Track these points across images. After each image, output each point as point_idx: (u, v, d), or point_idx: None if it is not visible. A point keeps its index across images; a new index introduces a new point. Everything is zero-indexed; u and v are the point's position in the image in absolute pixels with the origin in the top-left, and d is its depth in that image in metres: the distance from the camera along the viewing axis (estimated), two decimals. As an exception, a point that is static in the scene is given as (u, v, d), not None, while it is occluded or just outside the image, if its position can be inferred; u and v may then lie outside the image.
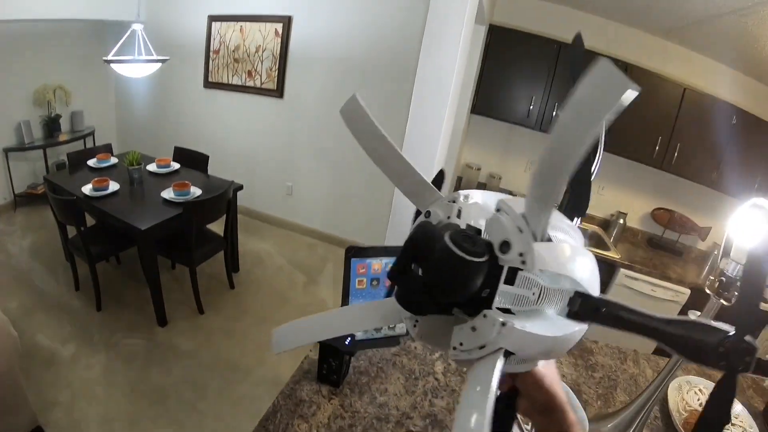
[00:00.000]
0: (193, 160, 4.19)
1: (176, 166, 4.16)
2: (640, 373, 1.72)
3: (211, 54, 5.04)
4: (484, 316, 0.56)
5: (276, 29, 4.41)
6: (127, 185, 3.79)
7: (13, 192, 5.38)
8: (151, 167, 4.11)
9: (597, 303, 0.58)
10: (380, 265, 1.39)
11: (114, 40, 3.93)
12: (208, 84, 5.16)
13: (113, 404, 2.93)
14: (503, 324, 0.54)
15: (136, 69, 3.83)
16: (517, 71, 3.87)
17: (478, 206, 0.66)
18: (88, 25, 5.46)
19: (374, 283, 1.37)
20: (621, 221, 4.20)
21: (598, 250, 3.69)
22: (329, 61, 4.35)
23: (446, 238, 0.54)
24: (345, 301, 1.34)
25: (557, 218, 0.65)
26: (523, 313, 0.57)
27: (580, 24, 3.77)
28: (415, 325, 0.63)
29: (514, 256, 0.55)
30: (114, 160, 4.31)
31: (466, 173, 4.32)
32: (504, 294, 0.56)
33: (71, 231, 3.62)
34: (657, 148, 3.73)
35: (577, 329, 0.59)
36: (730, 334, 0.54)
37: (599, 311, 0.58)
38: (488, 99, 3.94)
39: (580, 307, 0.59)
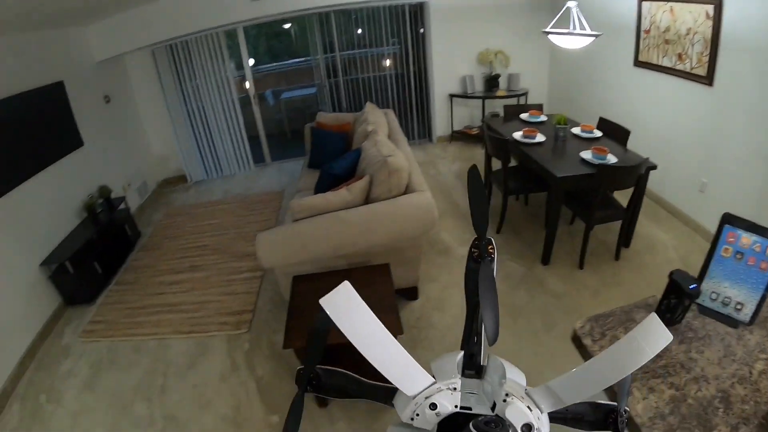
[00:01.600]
0: (614, 132, 4.32)
1: (598, 133, 4.37)
2: None
3: (642, 34, 4.98)
4: None
5: (707, 11, 4.05)
6: (551, 140, 4.25)
7: (452, 128, 6.86)
8: (575, 130, 4.44)
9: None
10: (749, 240, 1.32)
11: (550, 14, 4.33)
12: (638, 63, 5.12)
13: None
14: None
15: (570, 41, 4.12)
16: None
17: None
18: (526, 1, 6.21)
19: (738, 256, 1.32)
20: None
21: None
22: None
23: (471, 429, 0.65)
24: (706, 266, 1.35)
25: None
26: None
27: None
28: None
29: None
30: (543, 118, 4.86)
31: None
32: None
33: (495, 166, 4.39)
34: None
35: None
36: (615, 407, 0.77)
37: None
38: None
39: None
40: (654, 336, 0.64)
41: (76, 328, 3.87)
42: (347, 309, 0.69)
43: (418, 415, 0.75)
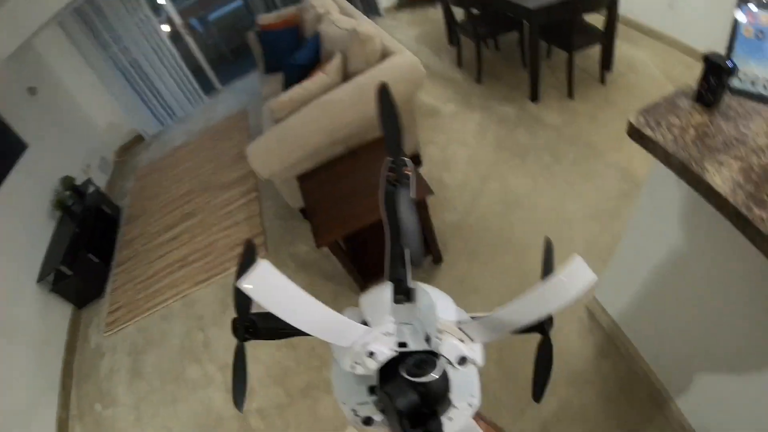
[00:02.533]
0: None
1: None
2: None
3: None
4: (455, 407, 0.75)
5: None
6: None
7: (397, -4, 6.42)
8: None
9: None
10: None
11: None
12: None
13: (480, 151, 3.52)
14: (470, 404, 0.76)
15: None
16: None
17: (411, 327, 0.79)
18: None
19: (759, 35, 1.27)
20: None
21: None
22: None
23: (406, 376, 0.69)
24: (730, 49, 1.31)
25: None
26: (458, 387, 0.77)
27: None
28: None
29: (470, 363, 0.73)
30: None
31: None
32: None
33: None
34: None
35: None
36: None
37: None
38: None
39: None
40: (579, 277, 0.66)
41: (98, 325, 3.75)
42: (269, 288, 0.66)
43: (357, 363, 0.76)
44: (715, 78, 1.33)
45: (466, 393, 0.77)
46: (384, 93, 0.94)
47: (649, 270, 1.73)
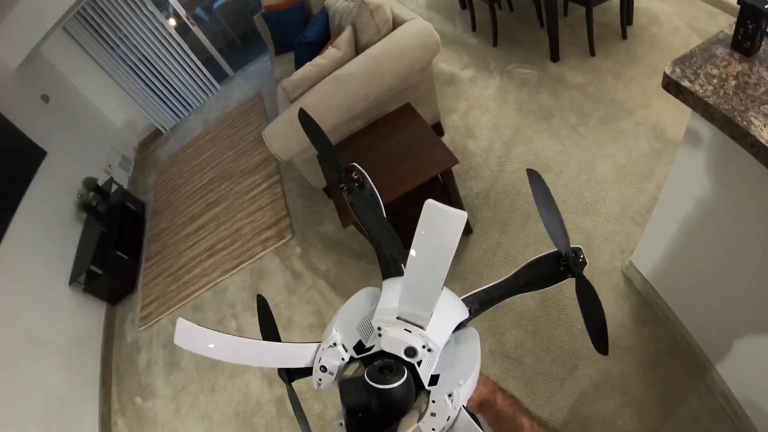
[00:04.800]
0: None
1: None
2: None
3: None
4: (433, 401, 0.65)
5: None
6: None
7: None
8: None
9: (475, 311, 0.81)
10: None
11: None
12: None
13: (503, 115, 3.39)
14: (450, 395, 0.64)
15: None
16: None
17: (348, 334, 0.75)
18: None
19: None
20: None
21: None
22: None
23: (367, 380, 0.63)
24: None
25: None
26: (447, 371, 0.70)
27: None
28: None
29: (422, 351, 0.66)
30: None
31: None
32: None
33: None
34: None
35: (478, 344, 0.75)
36: (558, 252, 0.80)
37: (485, 305, 0.81)
38: None
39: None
40: (445, 222, 0.58)
41: (133, 320, 3.81)
42: (198, 339, 0.70)
43: (321, 380, 0.76)
44: (753, 23, 1.20)
45: (450, 384, 0.68)
46: (303, 116, 1.00)
47: (687, 231, 1.63)
